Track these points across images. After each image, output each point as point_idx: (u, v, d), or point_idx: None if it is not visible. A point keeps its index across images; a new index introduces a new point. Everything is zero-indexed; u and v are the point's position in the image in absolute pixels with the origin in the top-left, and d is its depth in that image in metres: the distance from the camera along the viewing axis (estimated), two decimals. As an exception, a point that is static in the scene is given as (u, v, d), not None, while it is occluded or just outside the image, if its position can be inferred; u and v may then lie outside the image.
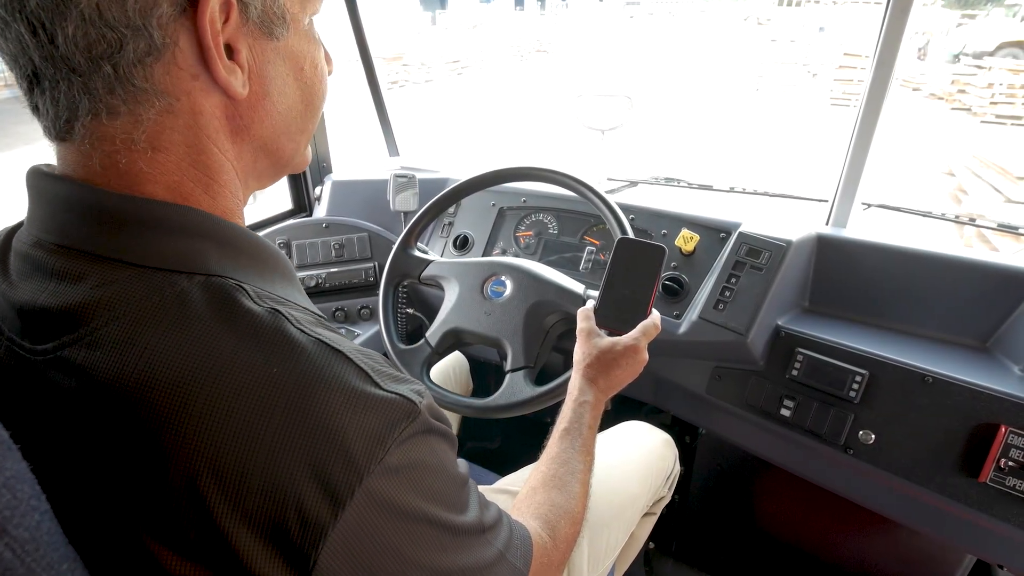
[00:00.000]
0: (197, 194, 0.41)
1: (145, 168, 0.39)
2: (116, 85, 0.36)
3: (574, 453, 0.69)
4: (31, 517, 0.30)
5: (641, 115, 5.93)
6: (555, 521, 0.61)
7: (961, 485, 0.84)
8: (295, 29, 0.43)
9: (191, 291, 0.37)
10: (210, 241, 0.40)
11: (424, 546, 0.39)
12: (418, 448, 0.39)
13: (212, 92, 0.40)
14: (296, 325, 0.38)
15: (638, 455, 1.02)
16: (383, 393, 0.38)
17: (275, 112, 0.44)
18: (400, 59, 12.38)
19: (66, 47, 0.34)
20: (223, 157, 0.42)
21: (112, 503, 0.34)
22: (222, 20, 0.38)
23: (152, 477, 0.33)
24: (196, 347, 0.35)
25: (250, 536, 0.33)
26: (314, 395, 0.35)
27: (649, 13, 33.21)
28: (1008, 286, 0.92)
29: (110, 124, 0.37)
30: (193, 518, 0.33)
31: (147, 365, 0.34)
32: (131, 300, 0.36)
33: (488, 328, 0.97)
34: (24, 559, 0.28)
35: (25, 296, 0.38)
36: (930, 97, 9.69)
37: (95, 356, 0.35)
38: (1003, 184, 4.40)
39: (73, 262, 0.37)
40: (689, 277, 1.09)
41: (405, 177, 1.36)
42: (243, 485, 0.33)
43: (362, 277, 1.41)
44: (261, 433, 0.34)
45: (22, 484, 0.30)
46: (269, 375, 0.35)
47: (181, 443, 0.33)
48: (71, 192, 0.38)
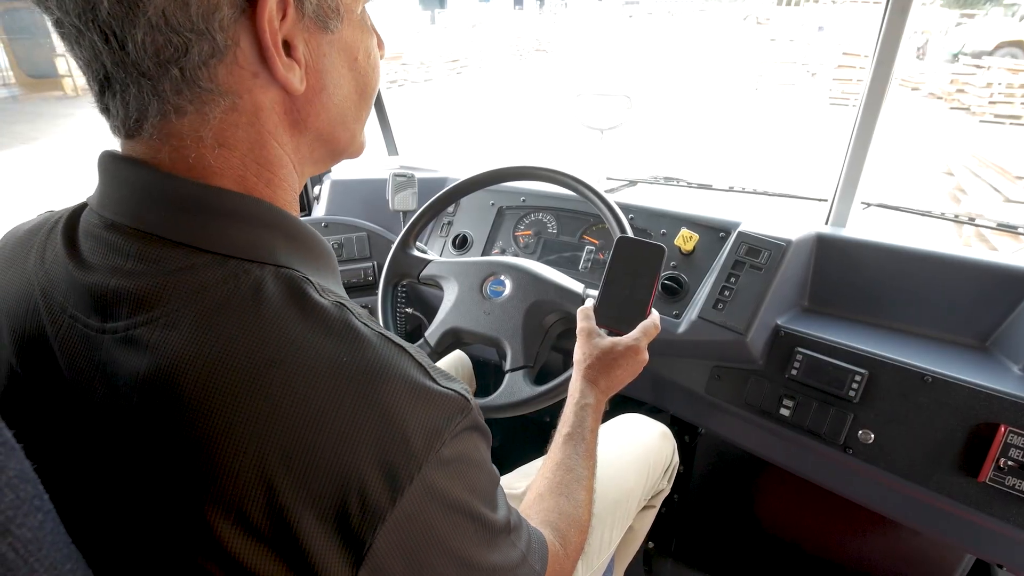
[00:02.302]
0: (260, 187, 0.42)
1: (213, 163, 0.40)
2: (183, 87, 0.37)
3: (578, 459, 0.69)
4: (34, 517, 0.30)
5: (640, 114, 5.93)
6: (565, 529, 0.61)
7: (960, 485, 0.84)
8: (349, 20, 0.44)
9: (264, 280, 0.38)
10: (278, 232, 0.42)
11: (464, 539, 0.40)
12: (467, 443, 0.41)
13: (271, 88, 0.41)
14: (360, 319, 0.40)
15: (635, 448, 1.02)
16: (440, 388, 0.39)
17: (331, 104, 0.45)
18: (399, 58, 12.37)
19: (136, 53, 0.36)
20: (282, 151, 0.43)
21: (172, 484, 0.35)
22: (279, 17, 0.38)
23: (220, 457, 0.33)
24: (271, 334, 0.36)
25: (312, 518, 0.34)
26: (382, 384, 0.37)
27: (648, 12, 33.20)
28: (1007, 285, 0.92)
29: (178, 122, 0.39)
30: (259, 499, 0.33)
31: (223, 348, 0.35)
32: (208, 285, 0.37)
33: (487, 328, 0.97)
34: (27, 559, 0.29)
35: (98, 277, 0.39)
36: (929, 96, 9.70)
37: (170, 337, 0.36)
38: (1002, 183, 4.41)
39: (150, 246, 0.38)
40: (688, 276, 1.08)
41: (404, 176, 1.36)
42: (310, 467, 0.34)
43: (361, 276, 1.41)
44: (331, 418, 0.35)
45: (25, 484, 0.30)
46: (340, 363, 0.36)
47: (253, 424, 0.34)
48: (148, 177, 0.39)
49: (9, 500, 0.29)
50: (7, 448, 0.30)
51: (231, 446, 0.33)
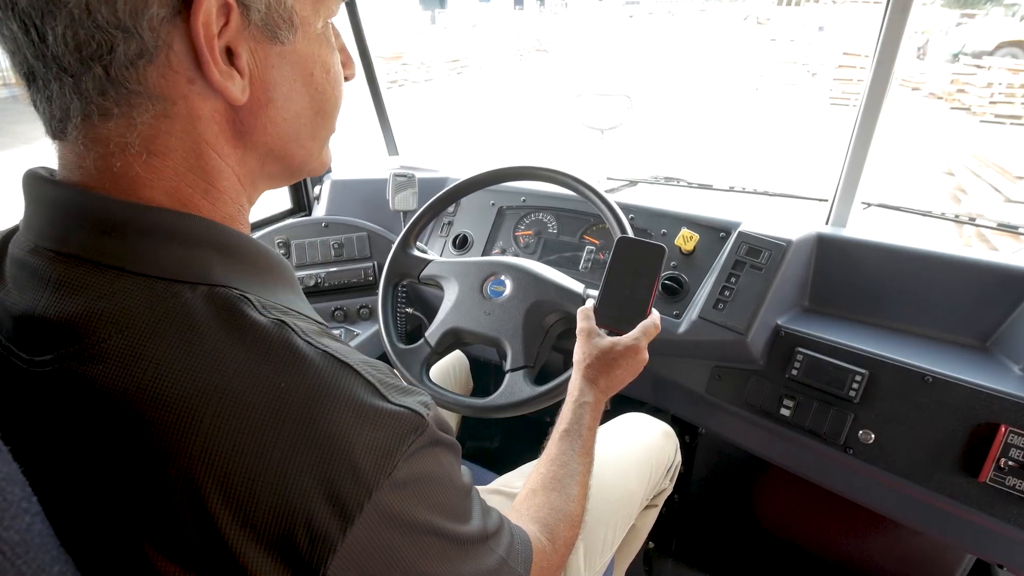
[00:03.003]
0: (196, 199, 0.40)
1: (141, 172, 0.38)
2: (108, 87, 0.35)
3: (573, 455, 0.69)
4: (22, 519, 0.30)
5: (641, 114, 5.94)
6: (554, 525, 0.61)
7: (961, 485, 0.84)
8: (304, 33, 0.42)
9: (195, 302, 0.36)
10: (212, 249, 0.39)
11: (430, 557, 0.39)
12: (425, 461, 0.39)
13: (210, 97, 0.38)
14: (303, 337, 0.37)
15: (638, 448, 1.02)
16: (391, 407, 0.37)
17: (280, 119, 0.43)
18: (399, 58, 12.36)
19: (56, 47, 0.34)
20: (223, 163, 0.41)
21: (113, 516, 0.34)
22: (221, 23, 0.36)
23: (158, 491, 0.33)
24: (203, 361, 0.34)
25: (258, 551, 0.33)
26: (322, 409, 0.35)
27: (648, 12, 33.20)
28: (1008, 285, 0.92)
29: (103, 126, 0.37)
30: (200, 533, 0.32)
31: (153, 379, 0.33)
32: (135, 312, 0.35)
33: (488, 328, 0.97)
34: (14, 561, 0.28)
35: (23, 305, 0.37)
36: (929, 96, 9.70)
37: (99, 370, 0.34)
38: (1002, 183, 4.40)
39: (73, 270, 0.36)
40: (689, 276, 1.08)
41: (404, 176, 1.36)
42: (251, 500, 0.33)
43: (361, 276, 1.41)
44: (270, 448, 0.33)
45: (12, 486, 0.30)
46: (277, 389, 0.34)
47: (189, 459, 0.32)
48: (70, 197, 0.37)
49: None
50: None
51: (166, 482, 0.32)
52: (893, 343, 0.95)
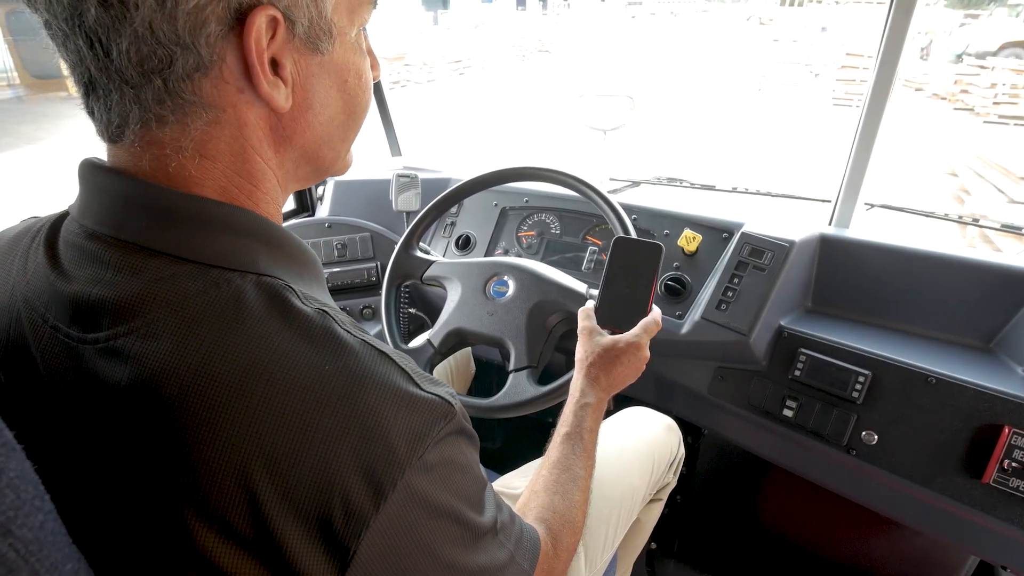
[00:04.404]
0: (242, 199, 0.43)
1: (194, 173, 0.40)
2: (165, 97, 0.38)
3: (575, 459, 0.69)
4: (35, 517, 0.30)
5: (643, 115, 5.94)
6: (557, 530, 0.61)
7: (964, 486, 0.84)
8: (341, 42, 0.44)
9: (246, 289, 0.38)
10: (260, 241, 0.42)
11: (449, 543, 0.40)
12: (452, 448, 0.41)
13: (256, 104, 0.41)
14: (343, 326, 0.40)
15: (640, 442, 1.01)
16: (424, 394, 0.39)
17: (317, 123, 0.45)
18: (402, 59, 12.38)
19: (120, 61, 0.36)
20: (266, 166, 0.44)
21: (154, 493, 0.35)
22: (268, 37, 0.38)
23: (204, 467, 0.34)
24: (252, 342, 0.36)
25: (296, 526, 0.34)
26: (363, 393, 0.37)
27: (651, 13, 33.20)
28: (1011, 287, 0.92)
29: (159, 131, 0.39)
30: (242, 507, 0.34)
31: (204, 357, 0.35)
32: (189, 295, 0.37)
33: (491, 328, 0.97)
34: (28, 559, 0.29)
35: (79, 287, 0.39)
36: (933, 97, 9.67)
37: (152, 347, 0.36)
38: (1006, 184, 4.39)
39: (131, 256, 0.38)
40: (692, 277, 1.08)
41: (407, 177, 1.36)
42: (293, 476, 0.34)
43: (364, 277, 1.41)
44: (314, 426, 0.35)
45: (26, 484, 0.30)
46: (322, 372, 0.36)
47: (236, 434, 0.34)
48: (128, 187, 0.40)
49: (10, 501, 0.29)
50: (8, 449, 0.30)
51: (213, 455, 0.34)
52: (896, 344, 0.95)
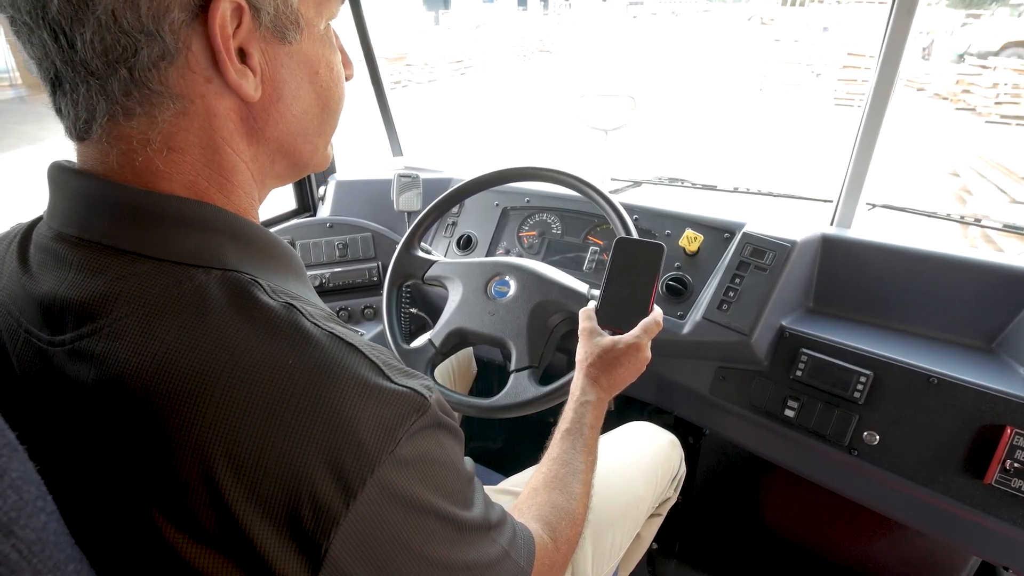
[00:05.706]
0: (212, 193, 0.42)
1: (161, 167, 0.40)
2: (132, 88, 0.37)
3: (575, 454, 0.69)
4: (37, 518, 0.30)
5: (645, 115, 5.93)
6: (556, 523, 0.61)
7: (966, 486, 0.84)
8: (309, 33, 0.44)
9: (209, 284, 0.38)
10: (226, 236, 0.41)
11: (431, 539, 0.39)
12: (427, 442, 0.40)
13: (225, 95, 0.41)
14: (310, 319, 0.39)
15: (644, 456, 1.02)
16: (394, 386, 0.39)
17: (289, 115, 0.45)
18: (403, 59, 12.38)
19: (84, 52, 0.36)
20: (237, 158, 0.43)
21: (125, 493, 0.35)
22: (234, 25, 0.38)
23: (168, 466, 0.34)
24: (214, 338, 0.36)
25: (264, 524, 0.34)
26: (328, 386, 0.36)
27: (652, 13, 33.19)
28: (1013, 287, 0.92)
29: (126, 125, 0.39)
30: (208, 505, 0.33)
31: (166, 355, 0.35)
32: (150, 293, 0.37)
33: (492, 328, 0.97)
34: (31, 560, 0.29)
35: (45, 288, 0.39)
36: (935, 97, 9.66)
37: (114, 347, 0.36)
38: (1008, 184, 4.39)
39: (93, 255, 0.38)
40: (693, 277, 1.08)
41: (409, 177, 1.36)
42: (258, 473, 0.34)
43: (366, 277, 1.41)
44: (277, 422, 0.34)
45: (28, 485, 0.30)
46: (285, 366, 0.36)
47: (198, 431, 0.34)
48: (92, 187, 0.40)
49: (12, 501, 0.29)
50: (10, 449, 0.30)
51: (177, 454, 0.33)
52: (898, 344, 0.95)
